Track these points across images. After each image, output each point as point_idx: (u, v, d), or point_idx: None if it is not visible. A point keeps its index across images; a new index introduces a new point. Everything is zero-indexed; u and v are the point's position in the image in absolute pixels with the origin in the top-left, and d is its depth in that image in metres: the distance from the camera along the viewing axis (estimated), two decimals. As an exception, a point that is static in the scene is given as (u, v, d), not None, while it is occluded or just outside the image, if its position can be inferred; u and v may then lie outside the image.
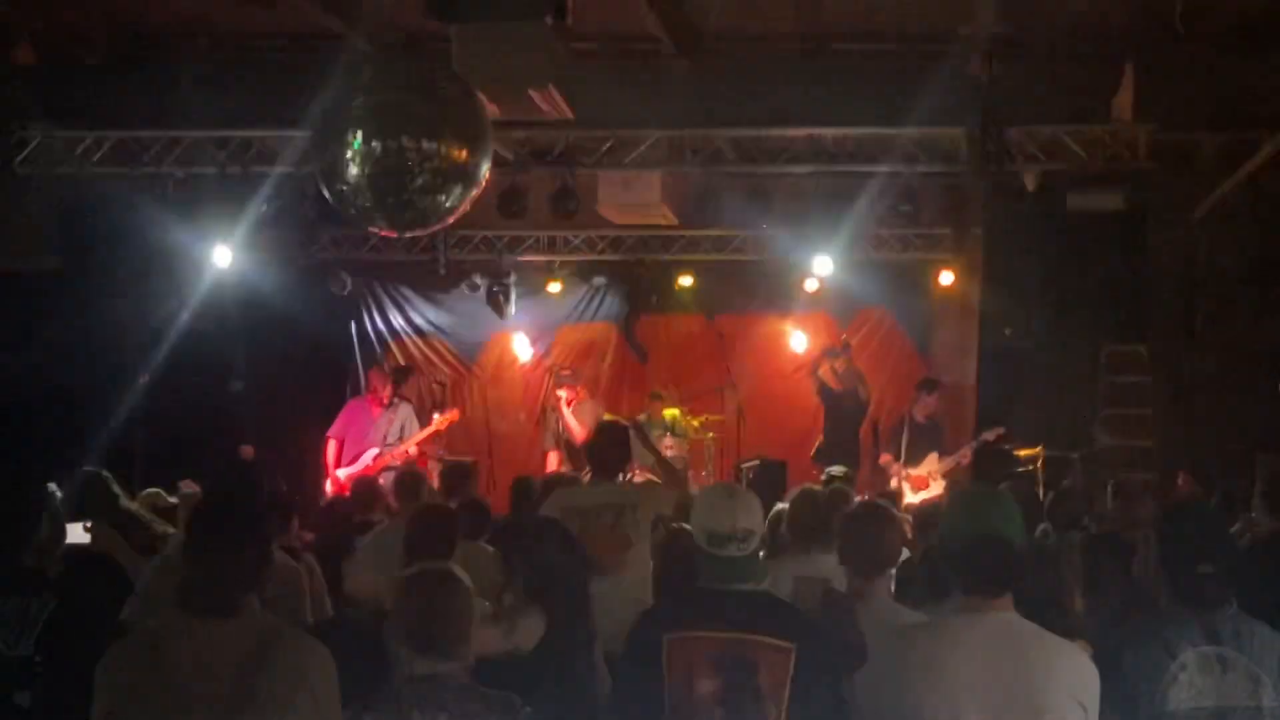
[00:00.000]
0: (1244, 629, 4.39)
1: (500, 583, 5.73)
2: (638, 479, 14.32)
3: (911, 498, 13.44)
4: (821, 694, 4.48)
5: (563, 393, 14.70)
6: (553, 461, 14.42)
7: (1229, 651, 4.35)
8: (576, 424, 14.34)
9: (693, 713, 4.49)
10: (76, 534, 7.43)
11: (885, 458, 13.83)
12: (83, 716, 4.06)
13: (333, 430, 13.79)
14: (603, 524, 7.13)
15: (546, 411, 14.99)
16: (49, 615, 5.99)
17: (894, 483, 13.69)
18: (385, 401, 13.69)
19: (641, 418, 15.23)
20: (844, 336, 15.13)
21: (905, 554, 6.24)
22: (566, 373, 15.08)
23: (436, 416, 13.80)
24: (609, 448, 7.70)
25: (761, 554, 4.82)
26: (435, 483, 10.18)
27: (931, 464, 13.54)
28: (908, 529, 7.98)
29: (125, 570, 7.11)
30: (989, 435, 13.60)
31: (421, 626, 4.23)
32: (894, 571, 5.77)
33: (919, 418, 13.77)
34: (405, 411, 13.83)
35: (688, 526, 5.79)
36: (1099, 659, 4.23)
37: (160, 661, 3.96)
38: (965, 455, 13.47)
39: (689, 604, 4.82)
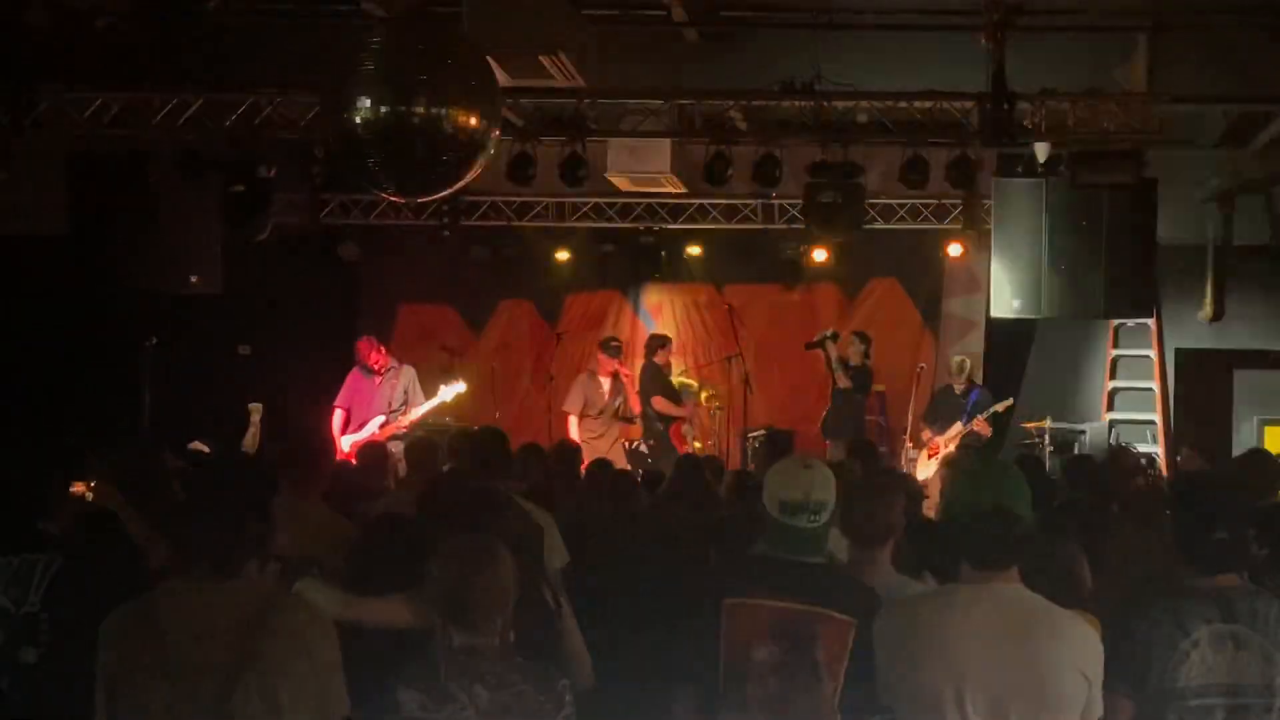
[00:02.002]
0: (1260, 607, 4.40)
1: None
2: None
3: (925, 464, 13.52)
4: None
5: (618, 367, 14.65)
6: (573, 428, 14.30)
7: (1243, 629, 4.36)
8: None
9: (748, 679, 4.50)
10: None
11: (922, 428, 14.10)
12: (88, 673, 4.08)
13: (339, 400, 13.79)
14: None
15: (584, 381, 14.75)
16: (55, 572, 6.01)
17: (904, 447, 13.84)
18: (378, 368, 13.65)
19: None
20: (831, 329, 15.16)
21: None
22: (616, 343, 14.99)
23: (443, 389, 13.75)
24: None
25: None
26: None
27: (953, 434, 13.76)
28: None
29: (126, 531, 7.14)
30: (999, 406, 13.71)
31: (459, 598, 4.24)
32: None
33: (958, 388, 14.05)
34: (408, 375, 13.79)
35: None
36: (1110, 633, 4.24)
37: (160, 624, 3.97)
38: (982, 427, 13.65)
39: (754, 569, 4.80)
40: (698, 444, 14.49)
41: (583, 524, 7.70)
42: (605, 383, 14.48)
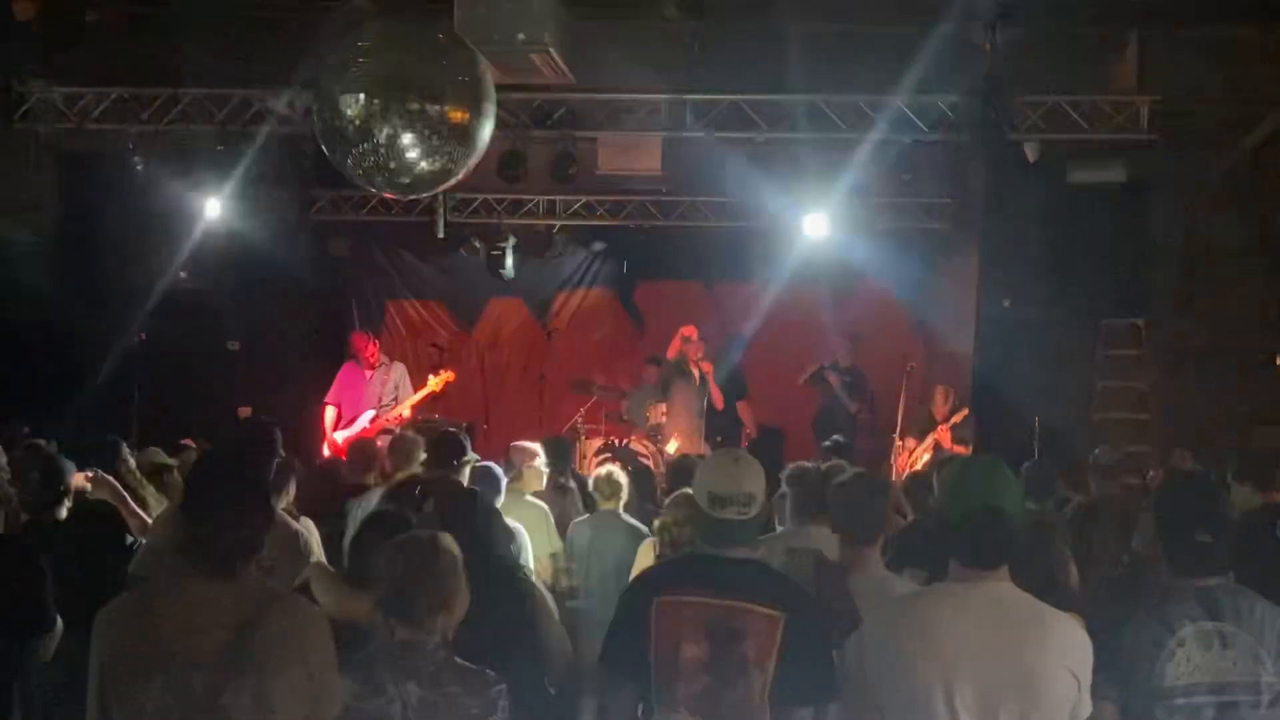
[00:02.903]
0: (1244, 605, 4.40)
1: None
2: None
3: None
4: (810, 665, 4.46)
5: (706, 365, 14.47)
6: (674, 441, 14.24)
7: (1229, 627, 4.36)
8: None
9: (678, 677, 4.49)
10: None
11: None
12: (80, 665, 4.08)
13: (330, 396, 13.74)
14: None
15: (672, 377, 14.68)
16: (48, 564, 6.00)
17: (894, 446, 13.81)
18: (372, 362, 13.64)
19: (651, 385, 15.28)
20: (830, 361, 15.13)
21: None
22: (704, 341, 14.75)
23: (431, 378, 13.75)
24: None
25: (760, 522, 4.78)
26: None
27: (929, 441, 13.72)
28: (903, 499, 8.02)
29: (124, 522, 7.15)
30: (957, 418, 13.66)
31: (404, 593, 4.25)
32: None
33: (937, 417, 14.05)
34: (399, 372, 13.77)
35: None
36: (1097, 632, 4.24)
37: (155, 620, 3.96)
38: (943, 433, 13.57)
39: (682, 567, 4.84)
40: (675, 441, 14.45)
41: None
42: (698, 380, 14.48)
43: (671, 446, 13.94)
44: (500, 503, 7.38)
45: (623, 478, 8.67)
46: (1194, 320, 14.90)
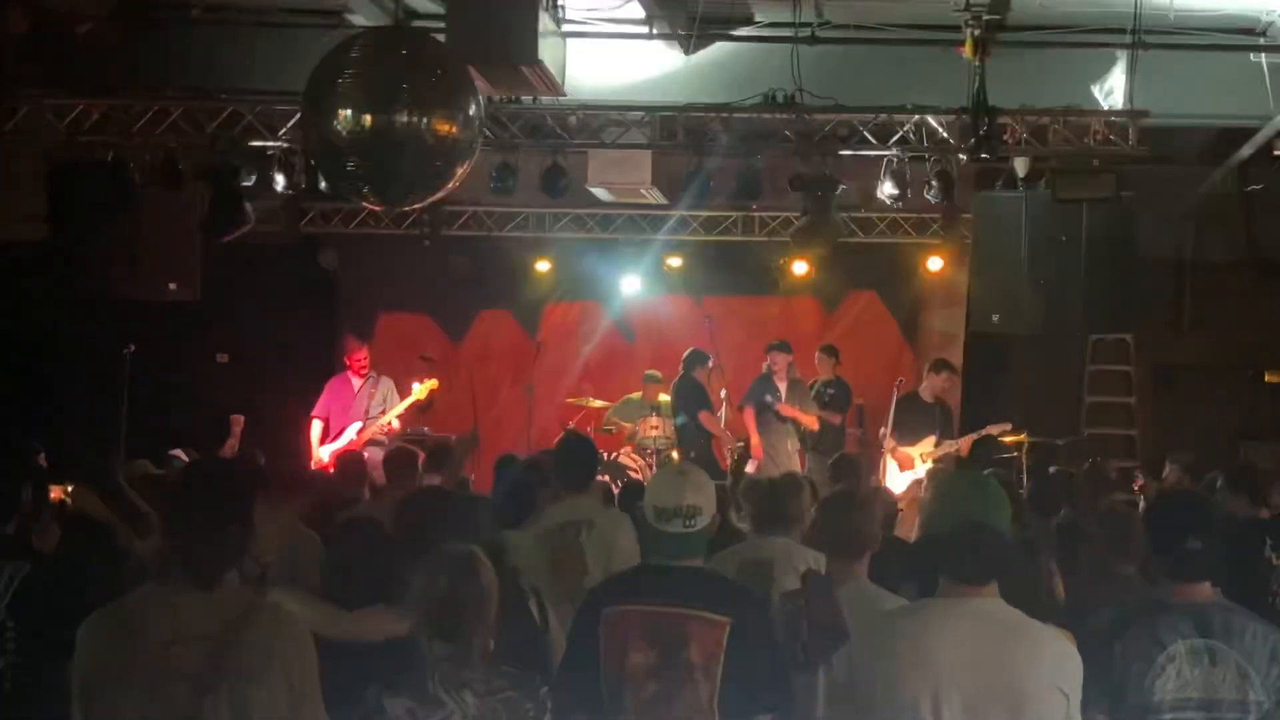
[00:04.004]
0: (1234, 622, 4.42)
1: None
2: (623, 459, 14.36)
3: (896, 477, 13.44)
4: (759, 671, 4.46)
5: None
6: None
7: (1218, 644, 4.37)
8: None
9: (626, 685, 4.49)
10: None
11: (885, 434, 13.84)
12: (55, 682, 4.07)
13: (317, 410, 13.71)
14: (567, 542, 6.87)
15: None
16: (21, 580, 5.97)
17: (882, 459, 13.72)
18: (361, 371, 13.62)
19: (635, 396, 15.28)
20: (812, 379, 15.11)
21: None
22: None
23: (416, 386, 13.73)
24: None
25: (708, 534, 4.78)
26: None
27: (926, 446, 13.55)
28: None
29: (110, 535, 7.11)
30: (994, 429, 13.50)
31: (442, 608, 4.24)
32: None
33: (926, 397, 13.81)
34: (386, 385, 13.76)
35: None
36: (1087, 647, 4.25)
37: (137, 632, 3.97)
38: (964, 446, 13.43)
39: (630, 579, 4.88)
40: (675, 454, 14.46)
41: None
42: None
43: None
44: None
45: (611, 490, 8.67)
46: (1182, 336, 14.95)
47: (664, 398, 14.95)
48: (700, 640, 4.46)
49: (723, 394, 14.89)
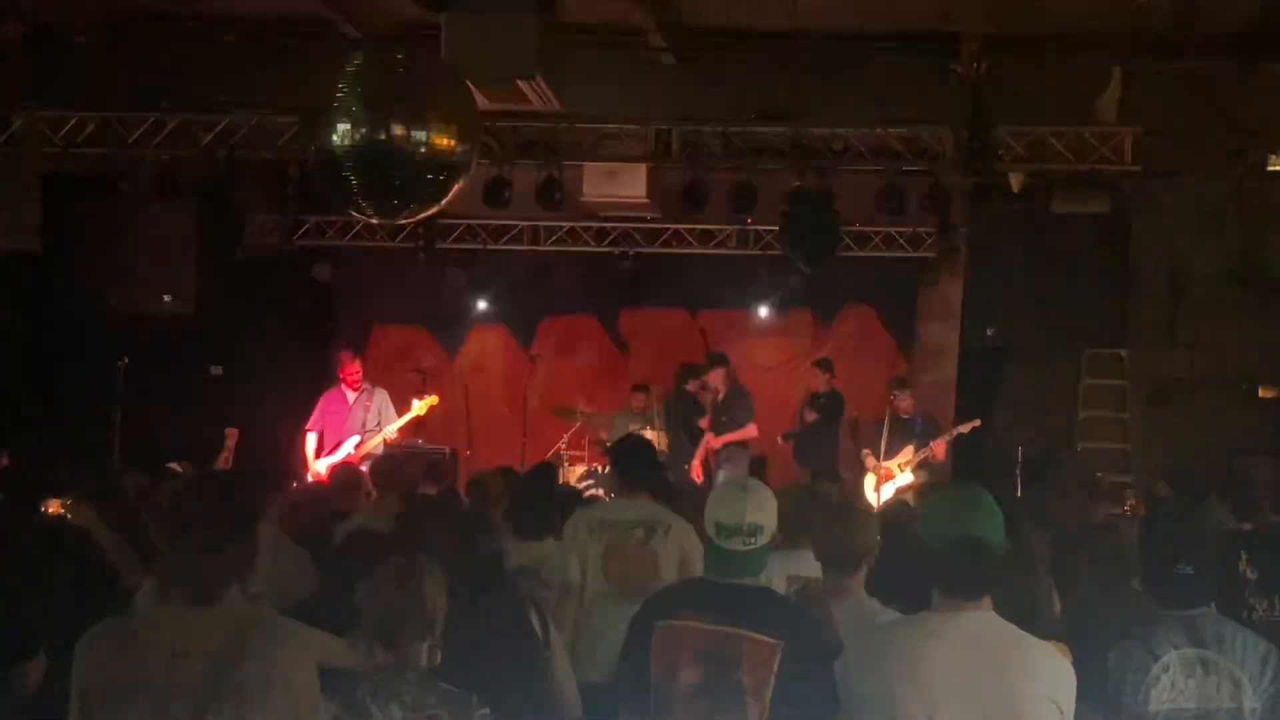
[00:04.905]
0: (1227, 632, 4.45)
1: None
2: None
3: (876, 491, 13.43)
4: (809, 692, 4.41)
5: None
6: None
7: (1211, 654, 4.40)
8: None
9: (675, 702, 4.48)
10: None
11: (866, 453, 13.85)
12: (45, 691, 4.07)
13: (311, 423, 13.69)
14: (634, 542, 6.88)
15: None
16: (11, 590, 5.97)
17: (866, 477, 13.72)
18: (355, 384, 13.61)
19: (631, 408, 15.26)
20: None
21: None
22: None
23: (416, 402, 13.73)
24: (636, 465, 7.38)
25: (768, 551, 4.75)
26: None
27: (905, 456, 13.56)
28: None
29: (101, 550, 7.09)
30: (964, 428, 13.58)
31: (387, 617, 4.25)
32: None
33: (902, 414, 13.81)
34: (381, 397, 13.75)
35: None
36: (1081, 658, 4.25)
37: (137, 646, 3.97)
38: (938, 450, 13.47)
39: (686, 592, 4.84)
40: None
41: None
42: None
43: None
44: None
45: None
46: (1177, 350, 14.95)
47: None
48: (752, 662, 4.43)
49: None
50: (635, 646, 4.64)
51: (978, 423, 13.60)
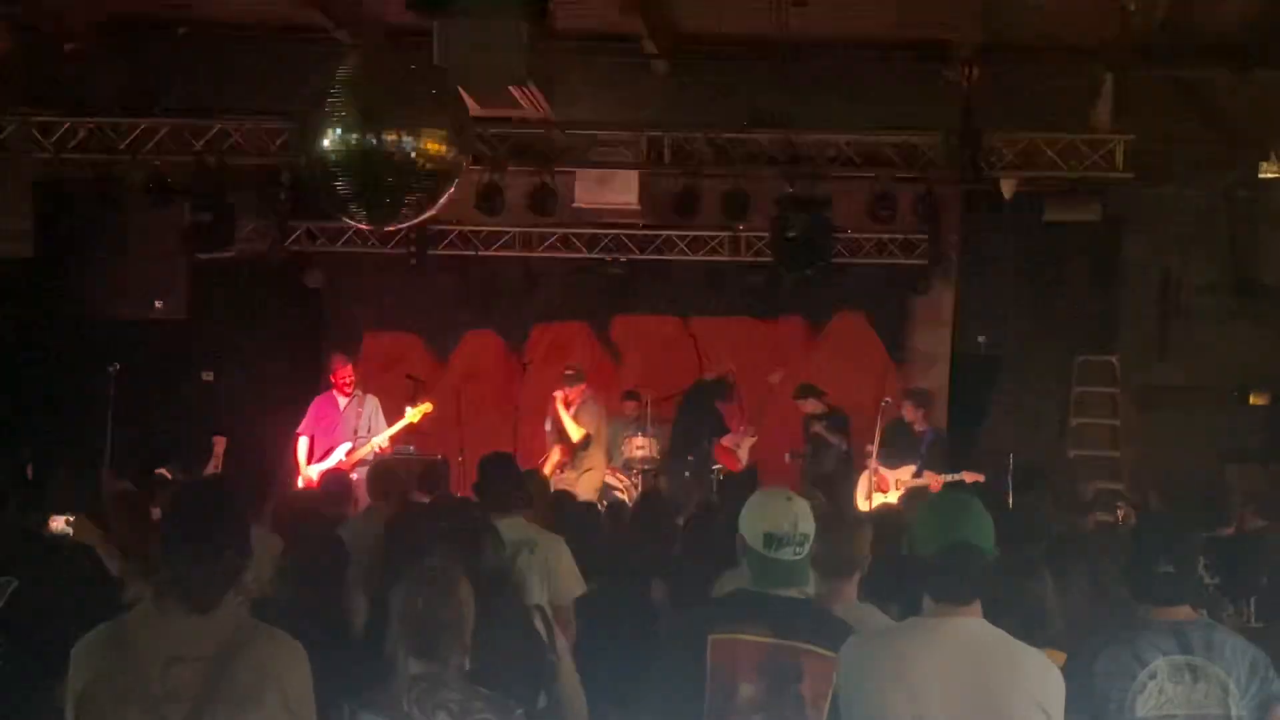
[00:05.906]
0: (1215, 638, 4.46)
1: None
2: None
3: (869, 496, 13.39)
4: None
5: (558, 393, 14.56)
6: (555, 456, 14.30)
7: (1199, 660, 4.40)
8: (574, 425, 14.27)
9: (733, 715, 4.49)
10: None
11: (869, 450, 13.77)
12: (41, 698, 4.05)
13: (302, 427, 13.64)
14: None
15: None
16: (11, 595, 5.96)
17: (864, 475, 13.68)
18: (347, 389, 13.57)
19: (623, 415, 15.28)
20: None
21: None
22: (570, 372, 14.81)
23: (409, 409, 13.69)
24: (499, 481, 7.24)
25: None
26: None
27: (905, 475, 13.49)
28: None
29: (102, 562, 7.07)
30: (967, 477, 13.27)
31: (420, 628, 4.24)
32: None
33: (912, 424, 13.74)
34: (372, 403, 13.70)
35: None
36: (1069, 665, 4.26)
37: (132, 652, 3.96)
38: (934, 485, 13.33)
39: (738, 605, 4.79)
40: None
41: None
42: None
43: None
44: None
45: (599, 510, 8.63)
46: (1168, 357, 14.98)
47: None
48: (812, 676, 4.46)
49: None
50: (686, 653, 4.61)
51: (981, 478, 13.41)
